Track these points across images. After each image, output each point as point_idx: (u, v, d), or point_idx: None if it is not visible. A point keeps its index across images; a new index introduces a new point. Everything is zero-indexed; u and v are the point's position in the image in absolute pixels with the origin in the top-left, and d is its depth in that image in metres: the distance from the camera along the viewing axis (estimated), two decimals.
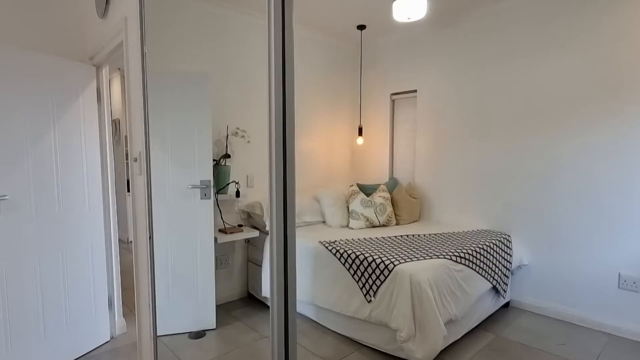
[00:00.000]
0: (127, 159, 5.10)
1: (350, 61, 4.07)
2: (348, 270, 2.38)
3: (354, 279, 2.34)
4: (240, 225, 3.00)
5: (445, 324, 2.08)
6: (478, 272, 2.47)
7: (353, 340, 2.44)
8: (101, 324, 2.43)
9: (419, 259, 2.25)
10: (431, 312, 2.02)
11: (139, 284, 1.92)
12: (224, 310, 2.92)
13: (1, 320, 1.92)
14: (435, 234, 2.90)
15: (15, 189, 1.97)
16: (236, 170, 3.07)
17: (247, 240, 3.18)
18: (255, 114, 3.19)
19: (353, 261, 2.36)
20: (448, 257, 2.32)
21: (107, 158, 2.48)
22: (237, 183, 3.02)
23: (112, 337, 2.52)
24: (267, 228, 2.89)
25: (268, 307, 2.95)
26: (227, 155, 2.95)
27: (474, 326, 2.55)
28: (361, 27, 3.57)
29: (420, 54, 3.60)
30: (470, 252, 2.46)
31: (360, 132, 3.77)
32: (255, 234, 2.92)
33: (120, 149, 5.04)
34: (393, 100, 3.90)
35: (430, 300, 2.04)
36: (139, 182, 1.81)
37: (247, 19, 3.10)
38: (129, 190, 5.07)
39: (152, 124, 1.79)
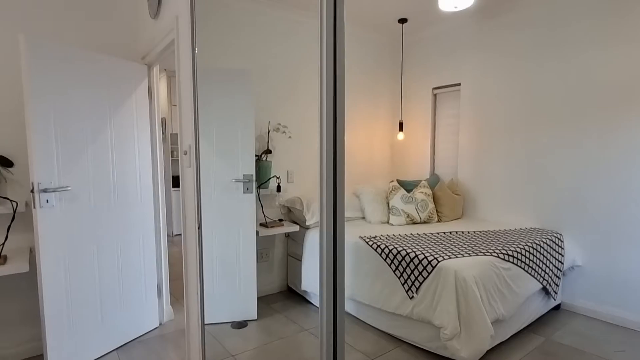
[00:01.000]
0: (172, 156, 5.33)
1: (391, 55, 4.01)
2: (389, 265, 2.35)
3: (395, 275, 2.31)
4: (280, 220, 3.05)
5: (491, 324, 2.01)
6: (527, 272, 2.36)
7: (394, 336, 2.41)
8: (151, 311, 2.56)
9: (463, 256, 2.19)
10: (477, 310, 1.96)
11: (188, 274, 2.00)
12: (264, 302, 2.98)
13: (64, 305, 2.06)
14: (480, 232, 2.80)
15: (77, 181, 2.11)
16: (277, 165, 3.12)
17: (287, 235, 3.22)
18: (297, 110, 3.23)
19: (395, 257, 2.33)
20: (495, 254, 2.23)
21: (157, 153, 2.60)
22: (278, 178, 3.07)
23: (160, 324, 2.64)
24: (308, 223, 2.92)
25: (307, 300, 2.99)
26: (268, 151, 3.01)
27: (522, 328, 2.45)
28: (402, 21, 3.51)
29: (464, 46, 3.48)
30: (518, 250, 2.35)
31: (400, 127, 3.71)
32: (295, 228, 2.95)
33: (166, 146, 5.27)
34: (435, 95, 3.81)
35: (477, 297, 1.97)
36: (188, 174, 1.89)
37: (289, 17, 3.14)
38: (174, 186, 5.30)
39: (199, 118, 1.85)
